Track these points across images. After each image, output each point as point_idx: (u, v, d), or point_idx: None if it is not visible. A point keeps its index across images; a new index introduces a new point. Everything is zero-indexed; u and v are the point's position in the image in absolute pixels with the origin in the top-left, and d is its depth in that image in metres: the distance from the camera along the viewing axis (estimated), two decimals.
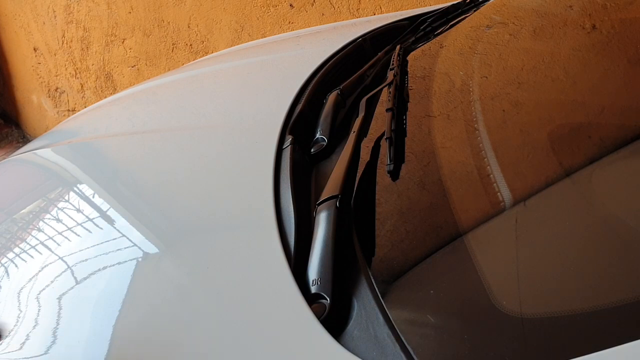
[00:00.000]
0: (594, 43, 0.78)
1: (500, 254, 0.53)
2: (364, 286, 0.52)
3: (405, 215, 0.62)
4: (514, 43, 0.87)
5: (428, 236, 0.59)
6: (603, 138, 0.61)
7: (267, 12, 2.13)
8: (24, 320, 0.68)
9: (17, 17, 3.52)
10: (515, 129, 0.70)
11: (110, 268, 0.71)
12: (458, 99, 0.77)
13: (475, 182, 0.60)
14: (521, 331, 0.44)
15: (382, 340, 0.47)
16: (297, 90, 0.93)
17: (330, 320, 0.51)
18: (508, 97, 0.75)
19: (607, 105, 0.67)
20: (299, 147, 0.78)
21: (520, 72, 0.79)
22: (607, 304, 0.44)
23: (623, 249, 0.49)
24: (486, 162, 0.61)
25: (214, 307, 0.58)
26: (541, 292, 0.48)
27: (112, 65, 3.00)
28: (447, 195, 0.60)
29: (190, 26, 2.48)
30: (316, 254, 0.57)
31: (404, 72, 0.89)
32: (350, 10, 1.86)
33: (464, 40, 0.96)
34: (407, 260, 0.57)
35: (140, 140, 0.99)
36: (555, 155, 0.61)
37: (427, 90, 0.83)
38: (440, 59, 0.91)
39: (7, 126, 4.04)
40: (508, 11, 1.00)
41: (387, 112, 0.73)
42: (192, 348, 0.54)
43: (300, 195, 0.67)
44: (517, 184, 0.59)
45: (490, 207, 0.57)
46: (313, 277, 0.54)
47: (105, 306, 0.65)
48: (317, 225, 0.59)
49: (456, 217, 0.57)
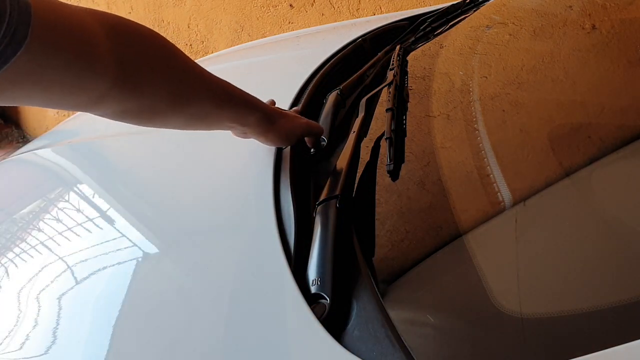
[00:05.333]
0: (594, 43, 0.78)
1: (500, 254, 0.53)
2: (364, 286, 0.52)
3: (405, 215, 0.62)
4: (514, 43, 0.87)
5: (428, 236, 0.59)
6: (603, 138, 0.61)
7: (267, 12, 2.13)
8: (24, 320, 0.68)
9: None
10: (515, 129, 0.70)
11: (110, 268, 0.71)
12: (458, 99, 0.77)
13: (475, 182, 0.61)
14: (521, 331, 0.44)
15: (382, 340, 0.47)
16: (297, 90, 0.93)
17: (330, 320, 0.51)
18: (508, 97, 0.75)
19: (607, 105, 0.67)
20: (298, 147, 0.78)
21: (520, 72, 0.79)
22: (607, 304, 0.44)
23: (623, 249, 0.49)
24: (486, 162, 0.61)
25: (214, 307, 0.58)
26: (541, 292, 0.48)
27: None
28: (447, 195, 0.60)
29: (190, 26, 2.48)
30: (316, 254, 0.57)
31: (403, 72, 0.89)
32: (350, 10, 1.86)
33: (464, 40, 0.96)
34: (407, 260, 0.57)
35: (140, 140, 0.99)
36: (555, 155, 0.61)
37: (427, 90, 0.83)
38: (440, 59, 0.91)
39: (7, 126, 4.04)
40: (508, 11, 1.00)
41: (387, 112, 0.73)
42: (192, 348, 0.54)
43: (300, 195, 0.67)
44: (517, 184, 0.59)
45: (490, 207, 0.57)
46: (313, 277, 0.54)
47: (105, 306, 0.65)
48: (317, 225, 0.59)
49: (456, 217, 0.57)
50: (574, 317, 0.44)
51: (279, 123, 0.72)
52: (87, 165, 1.01)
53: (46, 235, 0.83)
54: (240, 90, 0.68)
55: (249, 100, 0.68)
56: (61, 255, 0.76)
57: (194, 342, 0.55)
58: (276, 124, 0.71)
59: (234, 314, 0.56)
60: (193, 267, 0.66)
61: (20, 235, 0.87)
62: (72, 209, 0.85)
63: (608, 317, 0.42)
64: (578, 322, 0.43)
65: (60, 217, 0.85)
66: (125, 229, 0.76)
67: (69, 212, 0.85)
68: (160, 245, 0.72)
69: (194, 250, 0.68)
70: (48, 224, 0.86)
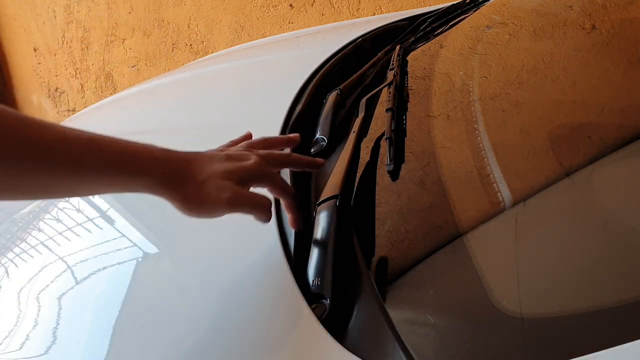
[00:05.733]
0: (594, 43, 0.78)
1: (500, 254, 0.53)
2: (364, 286, 0.52)
3: (405, 215, 0.62)
4: (514, 43, 0.87)
5: (428, 236, 0.59)
6: (603, 138, 0.61)
7: (267, 12, 2.13)
8: (24, 320, 0.68)
9: (17, 17, 3.52)
10: (515, 129, 0.70)
11: (110, 268, 0.71)
12: (458, 99, 0.77)
13: (475, 182, 0.60)
14: (521, 331, 0.44)
15: (382, 340, 0.47)
16: (297, 90, 0.93)
17: (330, 320, 0.51)
18: (508, 97, 0.75)
19: (607, 105, 0.67)
20: (298, 147, 0.78)
21: (520, 72, 0.79)
22: (607, 304, 0.44)
23: (623, 249, 0.49)
24: (486, 162, 0.61)
25: (214, 307, 0.58)
26: (541, 292, 0.48)
27: (112, 66, 3.00)
28: (447, 195, 0.60)
29: (190, 26, 2.48)
30: (316, 254, 0.57)
31: (403, 72, 0.89)
32: (350, 10, 1.86)
33: (464, 40, 0.96)
34: (407, 260, 0.57)
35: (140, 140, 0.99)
36: (555, 155, 0.61)
37: (427, 90, 0.83)
38: (440, 59, 0.91)
39: None
40: (508, 11, 1.00)
41: (387, 112, 0.73)
42: (192, 348, 0.54)
43: (300, 195, 0.67)
44: (517, 184, 0.59)
45: (490, 207, 0.57)
46: (313, 277, 0.54)
47: (105, 306, 0.65)
48: (317, 225, 0.59)
49: (456, 217, 0.57)
50: (574, 317, 0.44)
51: (188, 190, 0.52)
52: None
53: (46, 235, 0.83)
54: (118, 146, 0.51)
55: (125, 162, 0.51)
56: (61, 255, 0.76)
57: (194, 342, 0.55)
58: (182, 190, 0.52)
59: (234, 314, 0.56)
60: (193, 267, 0.66)
61: (20, 235, 0.87)
62: (72, 209, 0.85)
63: (608, 317, 0.42)
64: (578, 322, 0.43)
65: (60, 217, 0.85)
66: (125, 229, 0.76)
67: (69, 212, 0.85)
68: (160, 245, 0.72)
69: (194, 250, 0.68)
70: (48, 224, 0.86)
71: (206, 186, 0.52)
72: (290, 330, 0.52)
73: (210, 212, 0.53)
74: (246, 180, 0.55)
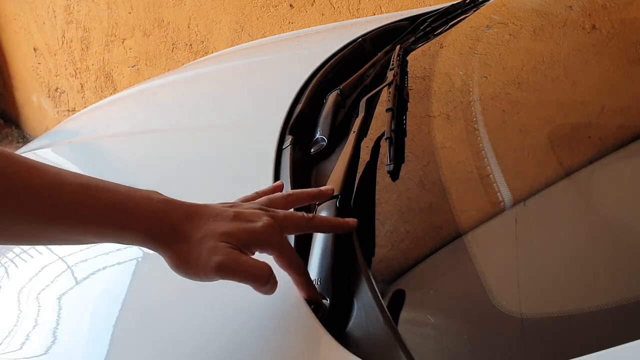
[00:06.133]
0: (594, 43, 0.78)
1: (500, 254, 0.53)
2: (364, 286, 0.52)
3: (405, 215, 0.62)
4: (514, 43, 0.87)
5: (428, 236, 0.59)
6: (603, 138, 0.61)
7: (267, 12, 2.13)
8: (24, 320, 0.68)
9: (17, 17, 3.52)
10: (515, 129, 0.70)
11: (110, 268, 0.71)
12: (458, 99, 0.77)
13: (475, 182, 0.60)
14: (521, 331, 0.44)
15: (382, 340, 0.47)
16: (297, 90, 0.93)
17: (330, 321, 0.51)
18: (508, 97, 0.75)
19: (607, 105, 0.67)
20: (299, 147, 0.78)
21: (520, 72, 0.79)
22: (607, 304, 0.44)
23: (623, 249, 0.49)
24: (486, 162, 0.61)
25: (214, 308, 0.58)
26: (541, 292, 0.48)
27: (112, 65, 3.00)
28: (447, 195, 0.60)
29: (190, 26, 2.48)
30: (316, 254, 0.57)
31: (403, 72, 0.89)
32: (350, 10, 1.86)
33: (464, 40, 0.96)
34: (407, 260, 0.57)
35: (140, 140, 0.99)
36: (555, 155, 0.61)
37: (427, 90, 0.83)
38: (440, 59, 0.91)
39: (7, 126, 4.04)
40: (508, 11, 1.00)
41: (387, 112, 0.73)
42: (192, 348, 0.54)
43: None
44: (517, 184, 0.59)
45: (490, 207, 0.57)
46: (313, 277, 0.54)
47: (105, 306, 0.65)
48: None
49: (456, 217, 0.57)
50: (574, 317, 0.44)
51: (180, 248, 0.48)
52: (87, 165, 1.01)
53: None
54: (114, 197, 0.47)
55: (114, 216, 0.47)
56: (61, 255, 0.76)
57: (193, 342, 0.55)
58: (174, 247, 0.48)
59: (234, 314, 0.56)
60: None
61: None
62: None
63: (608, 317, 0.42)
64: (578, 322, 0.43)
65: None
66: None
67: None
68: None
69: None
70: None
71: (199, 247, 0.47)
72: (290, 330, 0.52)
73: (198, 275, 0.48)
74: (248, 244, 0.49)
